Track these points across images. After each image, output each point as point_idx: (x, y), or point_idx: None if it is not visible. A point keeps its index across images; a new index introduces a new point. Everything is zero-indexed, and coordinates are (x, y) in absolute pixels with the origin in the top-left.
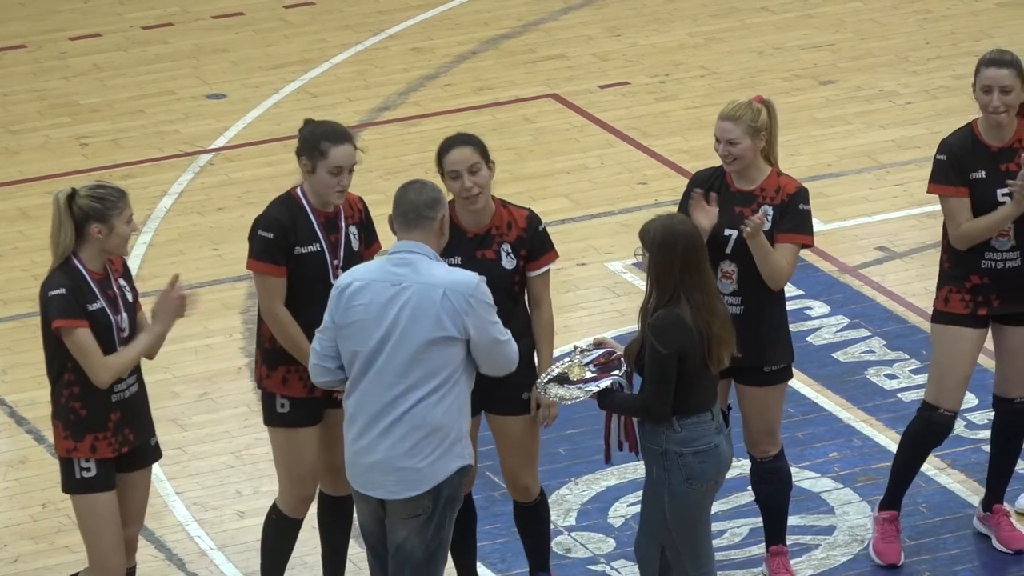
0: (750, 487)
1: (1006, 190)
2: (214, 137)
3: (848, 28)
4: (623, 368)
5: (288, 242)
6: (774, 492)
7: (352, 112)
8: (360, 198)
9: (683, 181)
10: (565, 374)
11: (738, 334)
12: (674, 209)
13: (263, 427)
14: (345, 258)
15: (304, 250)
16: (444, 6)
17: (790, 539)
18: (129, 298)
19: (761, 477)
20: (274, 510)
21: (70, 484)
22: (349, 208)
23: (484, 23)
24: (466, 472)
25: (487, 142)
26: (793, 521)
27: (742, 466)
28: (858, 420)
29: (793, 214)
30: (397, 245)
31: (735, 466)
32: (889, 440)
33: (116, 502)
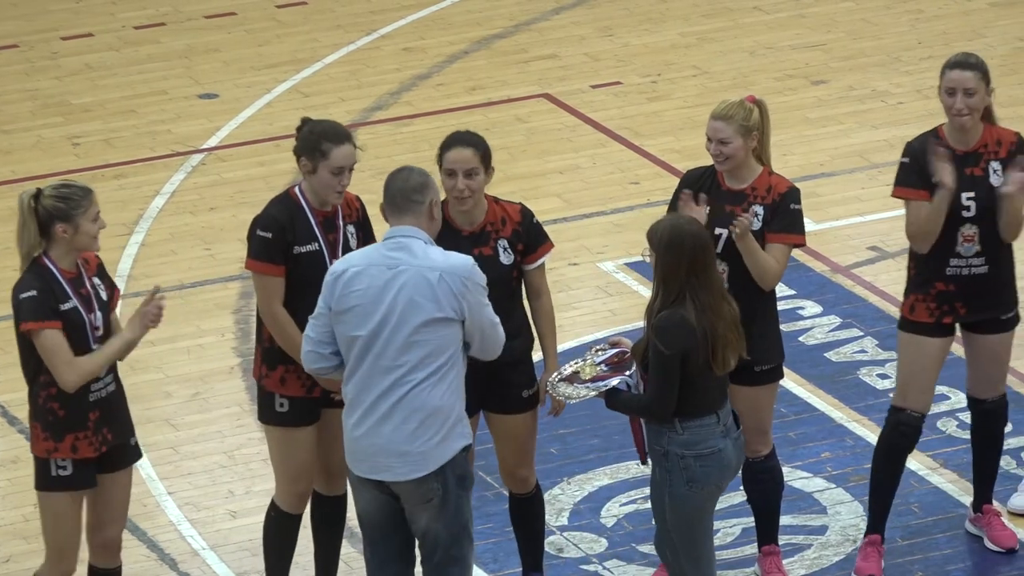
0: (742, 487)
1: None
2: (206, 137)
3: (840, 28)
4: (635, 368)
5: (286, 242)
6: (766, 492)
7: (344, 112)
8: (357, 197)
9: (675, 181)
10: (577, 373)
11: None
12: (664, 209)
13: (255, 427)
14: None
15: (302, 249)
16: (436, 6)
17: (782, 539)
18: (104, 296)
19: (753, 477)
20: (272, 508)
21: (45, 481)
22: (347, 207)
23: (476, 23)
24: (467, 449)
25: None
26: (785, 521)
27: None
28: (850, 420)
29: (784, 214)
30: (391, 231)
31: None
32: None
33: (82, 503)
